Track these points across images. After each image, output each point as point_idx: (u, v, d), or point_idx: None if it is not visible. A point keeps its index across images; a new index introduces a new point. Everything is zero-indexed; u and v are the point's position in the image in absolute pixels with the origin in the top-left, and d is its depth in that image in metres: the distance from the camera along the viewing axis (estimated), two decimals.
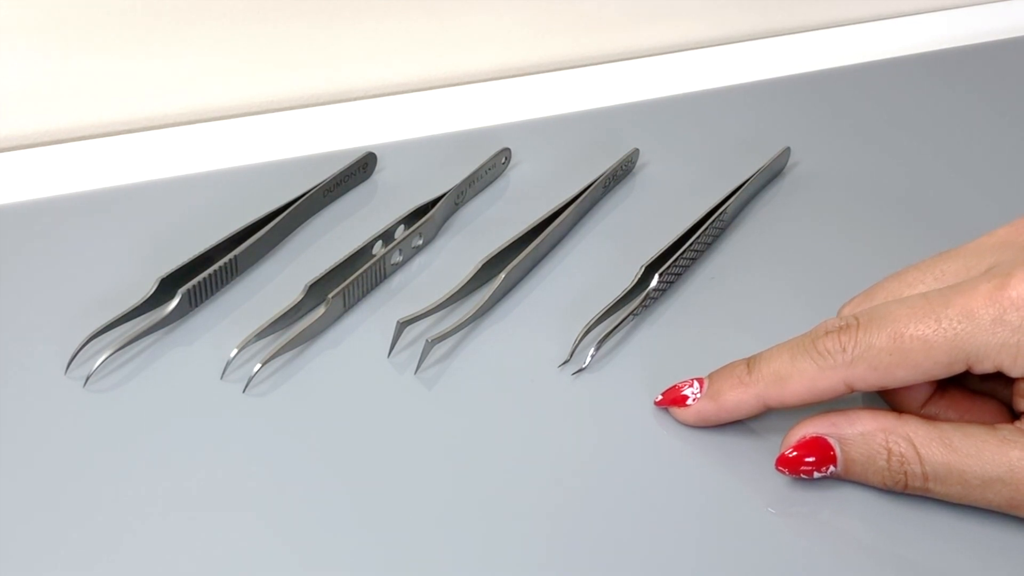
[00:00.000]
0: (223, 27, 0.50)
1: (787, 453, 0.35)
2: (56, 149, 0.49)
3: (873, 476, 0.34)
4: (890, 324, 0.33)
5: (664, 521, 0.34)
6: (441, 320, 0.40)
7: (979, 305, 0.32)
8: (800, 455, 0.34)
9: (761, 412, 0.36)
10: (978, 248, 0.35)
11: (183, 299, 0.39)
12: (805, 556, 0.33)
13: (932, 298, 0.33)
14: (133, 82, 0.50)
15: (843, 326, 0.34)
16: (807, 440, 0.35)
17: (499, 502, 0.34)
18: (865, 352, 0.33)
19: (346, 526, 0.33)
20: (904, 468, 0.34)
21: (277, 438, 0.36)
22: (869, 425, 0.34)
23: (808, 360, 0.34)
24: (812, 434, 0.35)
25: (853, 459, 0.34)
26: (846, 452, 0.34)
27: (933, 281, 0.35)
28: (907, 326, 0.33)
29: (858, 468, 0.34)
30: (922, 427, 0.34)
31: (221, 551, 0.32)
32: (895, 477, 0.34)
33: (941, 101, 0.55)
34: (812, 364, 0.34)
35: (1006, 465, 0.32)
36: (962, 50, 0.58)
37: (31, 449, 0.35)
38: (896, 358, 0.33)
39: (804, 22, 0.61)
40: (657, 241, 0.42)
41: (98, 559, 0.32)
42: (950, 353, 0.32)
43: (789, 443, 0.35)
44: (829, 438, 0.34)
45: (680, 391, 0.36)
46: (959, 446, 0.33)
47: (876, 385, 0.34)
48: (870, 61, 0.57)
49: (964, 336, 0.32)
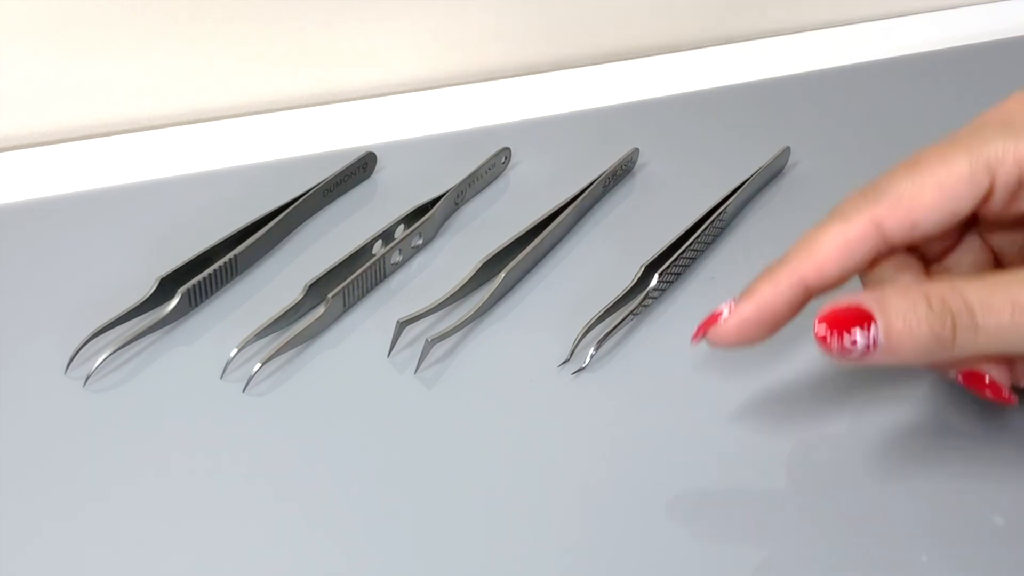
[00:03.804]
0: (223, 27, 0.50)
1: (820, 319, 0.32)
2: (56, 149, 0.49)
3: (917, 329, 0.31)
4: (909, 163, 0.34)
5: (663, 521, 0.34)
6: (441, 320, 0.40)
7: (989, 116, 0.33)
8: (834, 315, 0.31)
9: (802, 299, 0.33)
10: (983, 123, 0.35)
11: (183, 299, 0.39)
12: (816, 552, 0.33)
13: (947, 139, 0.34)
14: (133, 82, 0.50)
15: (861, 189, 0.34)
16: (840, 308, 0.32)
17: (499, 502, 0.34)
18: (887, 188, 0.33)
19: (346, 526, 0.33)
20: (948, 308, 0.31)
21: (277, 438, 0.36)
22: (920, 291, 0.32)
23: (832, 219, 0.34)
24: (853, 304, 0.32)
25: (893, 313, 0.31)
26: (884, 308, 0.31)
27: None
28: (925, 155, 0.34)
29: (899, 324, 0.31)
30: (955, 277, 0.34)
31: (221, 551, 0.32)
32: (943, 320, 0.31)
33: (941, 101, 0.55)
34: (837, 220, 0.33)
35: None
36: (962, 50, 0.58)
37: (31, 449, 0.35)
38: (916, 182, 0.33)
39: (804, 22, 0.61)
40: (657, 241, 0.42)
41: (98, 559, 0.32)
42: (969, 158, 0.33)
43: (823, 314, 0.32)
44: (864, 300, 0.32)
45: (713, 314, 0.34)
46: (995, 281, 0.32)
47: (905, 222, 0.33)
48: (870, 61, 0.57)
49: (980, 141, 0.33)
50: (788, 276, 0.33)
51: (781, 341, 0.37)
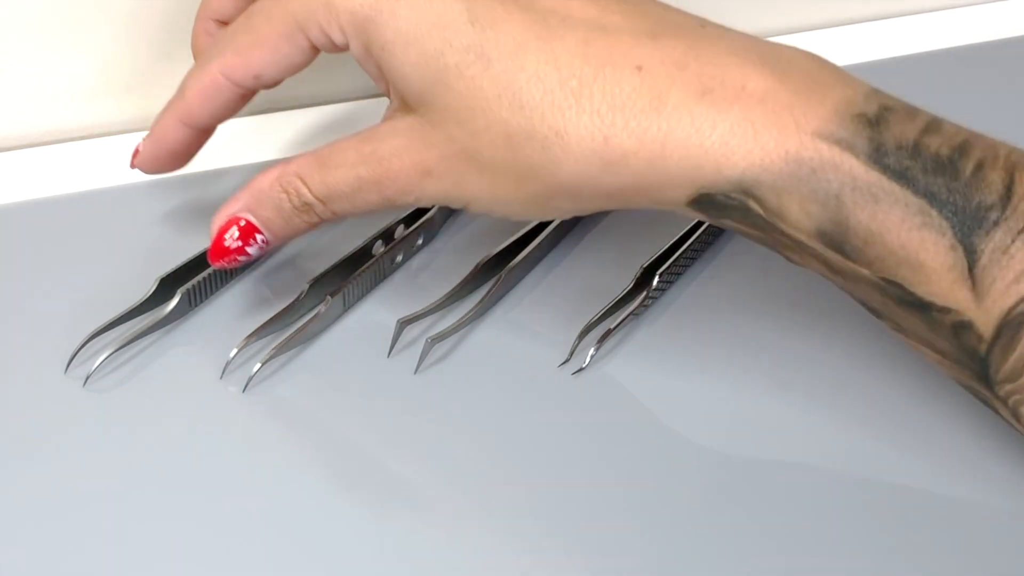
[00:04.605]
0: None
1: (214, 262, 0.37)
2: (56, 149, 0.49)
3: (292, 220, 0.36)
4: (246, 14, 0.37)
5: (664, 521, 0.34)
6: (441, 319, 0.40)
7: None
8: (219, 240, 0.37)
9: (192, 137, 0.39)
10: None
11: (183, 299, 0.39)
12: (817, 551, 0.33)
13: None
14: (133, 82, 0.50)
15: (220, 33, 0.38)
16: (221, 227, 0.37)
17: (498, 502, 0.34)
18: (230, 38, 0.37)
19: (346, 526, 0.33)
20: (303, 200, 0.36)
21: (277, 437, 0.36)
22: (265, 182, 0.36)
23: (195, 64, 0.38)
24: (223, 220, 0.37)
25: (269, 217, 0.36)
26: (259, 216, 0.36)
27: None
28: (258, 6, 0.36)
29: (279, 223, 0.36)
30: (304, 156, 0.36)
31: (221, 551, 0.32)
32: (306, 213, 0.36)
33: (941, 101, 0.55)
34: (197, 67, 0.38)
35: (363, 162, 0.35)
36: (962, 50, 0.58)
37: (31, 448, 0.35)
38: (249, 37, 0.36)
39: (804, 22, 0.61)
40: (657, 241, 0.42)
41: (97, 559, 0.32)
42: (283, 20, 0.35)
43: (211, 237, 0.37)
44: (238, 214, 0.37)
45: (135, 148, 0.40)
46: (330, 161, 0.35)
47: (248, 73, 0.36)
48: (870, 61, 0.57)
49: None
50: (169, 118, 0.38)
51: (782, 341, 0.37)
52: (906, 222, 0.31)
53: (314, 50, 0.36)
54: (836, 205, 0.31)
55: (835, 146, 0.31)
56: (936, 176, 0.31)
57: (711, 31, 0.34)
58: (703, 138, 0.31)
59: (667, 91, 0.32)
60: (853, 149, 0.31)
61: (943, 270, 0.30)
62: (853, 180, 0.31)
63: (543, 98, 0.32)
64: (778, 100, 0.31)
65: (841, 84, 0.32)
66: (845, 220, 0.31)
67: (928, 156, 0.31)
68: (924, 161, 0.31)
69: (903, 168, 0.31)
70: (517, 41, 0.33)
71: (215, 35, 0.41)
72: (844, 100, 0.32)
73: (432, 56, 0.33)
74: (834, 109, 0.31)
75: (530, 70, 0.32)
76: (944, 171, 0.31)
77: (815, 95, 0.32)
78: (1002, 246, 0.30)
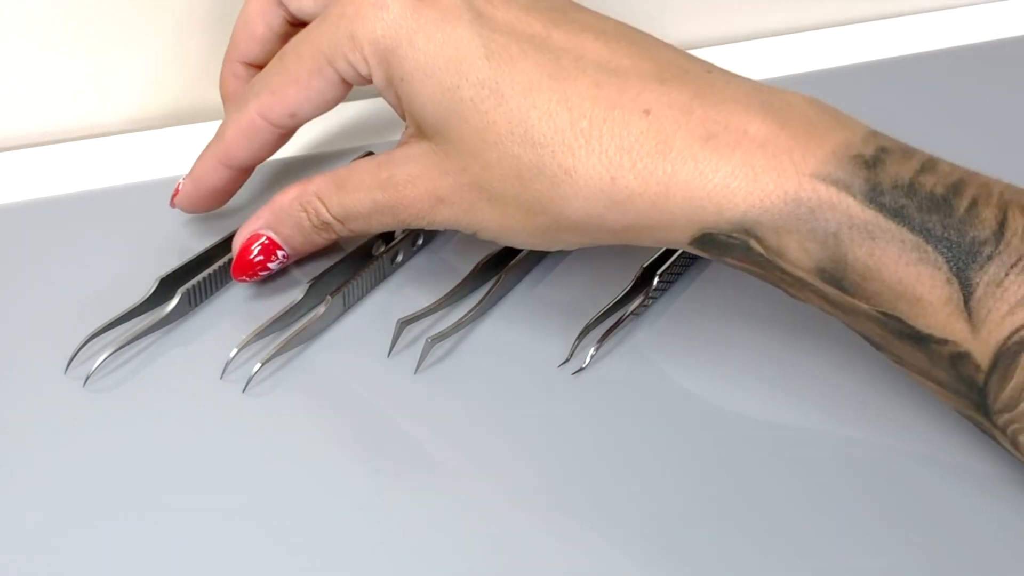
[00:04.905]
0: (224, 27, 0.50)
1: (237, 277, 0.39)
2: (56, 149, 0.49)
3: (312, 237, 0.38)
4: (278, 56, 0.38)
5: (664, 521, 0.34)
6: (441, 319, 0.40)
7: (330, 8, 0.36)
8: (243, 256, 0.39)
9: (232, 176, 0.40)
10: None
11: (183, 299, 0.39)
12: (818, 551, 0.33)
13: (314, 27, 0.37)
14: (133, 82, 0.50)
15: (255, 78, 0.39)
16: (244, 243, 0.39)
17: (498, 501, 0.34)
18: (265, 80, 0.37)
19: (346, 526, 0.33)
20: (322, 219, 0.38)
21: (277, 437, 0.36)
22: (285, 200, 0.38)
23: (229, 107, 0.39)
24: (245, 236, 0.39)
25: (290, 234, 0.38)
26: (280, 232, 0.38)
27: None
28: (289, 48, 0.37)
29: (300, 239, 0.39)
30: (323, 177, 0.38)
31: (220, 551, 0.32)
32: (325, 231, 0.38)
33: (941, 101, 0.55)
34: (232, 109, 0.39)
35: (379, 187, 0.36)
36: (962, 50, 0.58)
37: (30, 448, 0.35)
38: (282, 77, 0.37)
39: (804, 22, 0.61)
40: None
41: (96, 559, 0.32)
42: (312, 57, 0.36)
43: (234, 253, 0.39)
44: (260, 231, 0.38)
45: (176, 188, 0.41)
46: (348, 184, 0.37)
47: (284, 112, 0.37)
48: (870, 61, 0.57)
49: (315, 35, 0.36)
50: (211, 159, 0.39)
51: (783, 342, 0.37)
52: (903, 258, 0.31)
53: (345, 84, 0.37)
54: (834, 243, 0.32)
55: (832, 186, 0.32)
56: (931, 213, 0.31)
57: (716, 77, 0.35)
58: (706, 181, 0.32)
59: (673, 135, 0.33)
60: (850, 189, 0.32)
61: (940, 303, 0.31)
62: (850, 219, 0.32)
63: (554, 136, 0.33)
64: (778, 144, 0.32)
65: (839, 127, 0.34)
66: (843, 257, 0.32)
67: (923, 194, 0.32)
68: (919, 199, 0.32)
69: (899, 206, 0.32)
70: (531, 79, 0.34)
71: (242, 78, 0.42)
72: (842, 143, 0.33)
73: (448, 89, 0.34)
74: (831, 151, 0.32)
75: (542, 108, 0.33)
76: (939, 209, 0.32)
77: (814, 139, 0.33)
78: (996, 279, 0.31)
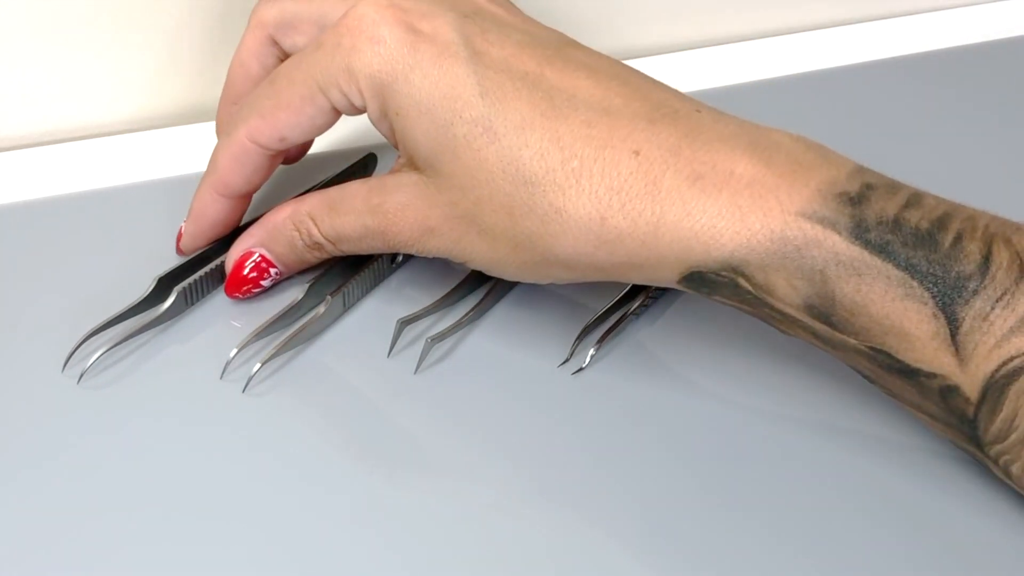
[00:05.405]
0: (224, 27, 0.50)
1: (230, 295, 0.39)
2: (56, 149, 0.49)
3: (303, 255, 0.39)
4: (268, 79, 0.37)
5: (664, 521, 0.34)
6: (441, 319, 0.40)
7: (325, 37, 0.36)
8: (237, 273, 0.39)
9: (232, 206, 0.39)
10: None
11: (179, 297, 0.39)
12: (819, 550, 0.33)
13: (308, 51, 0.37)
14: (133, 82, 0.50)
15: (242, 103, 0.38)
16: (237, 261, 0.39)
17: (498, 501, 0.34)
18: (254, 103, 0.37)
19: (346, 526, 0.33)
20: (314, 239, 0.38)
21: (277, 437, 0.36)
22: (278, 218, 0.39)
23: (220, 135, 0.39)
24: (238, 254, 0.39)
25: (282, 252, 0.39)
26: (272, 251, 0.39)
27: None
28: (281, 70, 0.37)
29: (292, 257, 0.39)
30: (316, 197, 0.38)
31: (219, 551, 0.32)
32: (317, 250, 0.38)
33: (940, 101, 0.55)
34: (223, 136, 0.38)
35: (370, 213, 0.37)
36: (962, 50, 0.58)
37: (26, 446, 0.35)
38: (272, 101, 0.37)
39: (804, 22, 0.61)
40: None
41: (94, 559, 0.32)
42: (305, 83, 0.36)
43: (228, 271, 0.39)
44: (253, 248, 0.39)
45: (180, 231, 0.41)
46: (340, 207, 0.37)
47: (274, 136, 0.37)
48: (870, 61, 0.57)
49: (309, 63, 0.36)
50: (207, 192, 0.39)
51: (782, 342, 0.37)
52: (889, 293, 0.32)
53: (335, 112, 0.37)
54: (821, 280, 0.32)
55: (818, 224, 0.32)
56: (916, 249, 0.32)
57: (705, 116, 0.35)
58: (694, 221, 0.33)
59: (661, 176, 0.33)
60: (835, 226, 0.32)
61: (927, 338, 0.32)
62: (836, 256, 0.32)
63: (545, 176, 0.34)
64: (764, 184, 0.33)
65: (825, 165, 0.34)
66: (831, 293, 0.32)
67: (908, 230, 0.32)
68: (904, 235, 0.32)
69: (884, 242, 0.32)
70: (524, 117, 0.34)
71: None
72: (827, 180, 0.33)
73: (442, 126, 0.34)
74: (817, 189, 0.33)
75: (534, 147, 0.34)
76: (924, 244, 0.32)
77: (799, 177, 0.33)
78: (982, 313, 0.31)
